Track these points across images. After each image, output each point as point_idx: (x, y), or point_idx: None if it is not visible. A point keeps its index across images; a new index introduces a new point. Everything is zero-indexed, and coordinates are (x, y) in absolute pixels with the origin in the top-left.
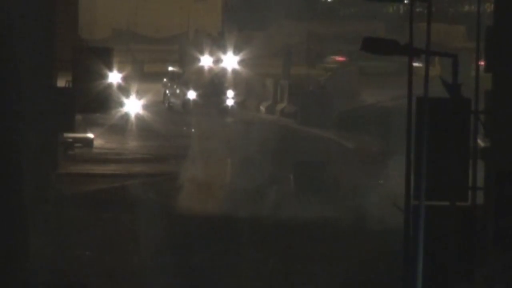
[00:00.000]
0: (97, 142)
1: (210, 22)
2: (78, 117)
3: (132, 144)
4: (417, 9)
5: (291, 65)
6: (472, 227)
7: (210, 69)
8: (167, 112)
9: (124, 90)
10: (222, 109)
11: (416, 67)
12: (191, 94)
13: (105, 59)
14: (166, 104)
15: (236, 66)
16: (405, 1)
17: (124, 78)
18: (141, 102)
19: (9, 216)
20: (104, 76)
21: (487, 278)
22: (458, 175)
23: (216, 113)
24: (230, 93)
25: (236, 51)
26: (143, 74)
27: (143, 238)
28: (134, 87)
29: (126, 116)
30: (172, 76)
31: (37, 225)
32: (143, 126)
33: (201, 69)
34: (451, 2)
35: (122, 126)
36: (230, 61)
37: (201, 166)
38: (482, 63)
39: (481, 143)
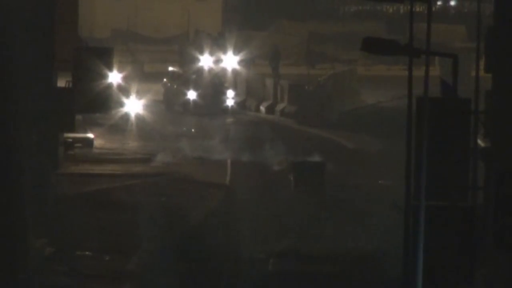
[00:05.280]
0: (97, 142)
1: (210, 22)
2: (78, 117)
3: (132, 144)
4: (417, 9)
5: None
6: (472, 227)
7: (210, 69)
8: (167, 112)
9: (124, 90)
10: (222, 109)
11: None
12: (191, 94)
13: (105, 59)
14: (166, 104)
15: (236, 66)
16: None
17: (124, 78)
18: (141, 102)
19: (9, 216)
20: (104, 76)
21: (487, 278)
22: (458, 175)
23: (216, 113)
24: (230, 93)
25: (236, 51)
26: (143, 74)
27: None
28: (134, 87)
29: (126, 116)
30: (172, 76)
31: (37, 225)
32: (143, 126)
33: (201, 69)
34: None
35: (122, 126)
36: (230, 61)
37: (201, 166)
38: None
39: (481, 143)
